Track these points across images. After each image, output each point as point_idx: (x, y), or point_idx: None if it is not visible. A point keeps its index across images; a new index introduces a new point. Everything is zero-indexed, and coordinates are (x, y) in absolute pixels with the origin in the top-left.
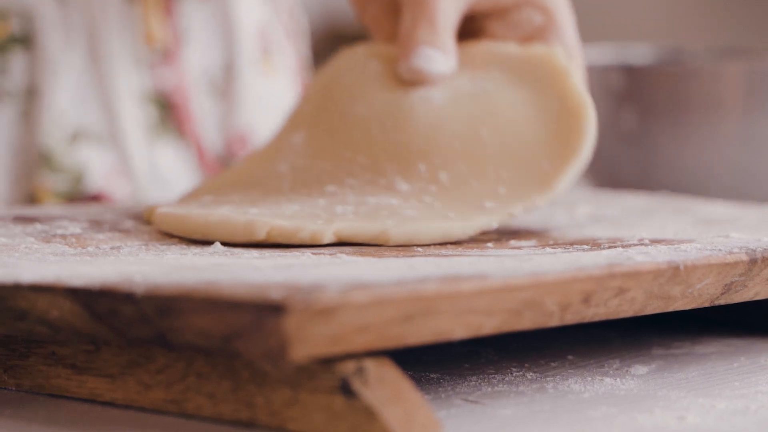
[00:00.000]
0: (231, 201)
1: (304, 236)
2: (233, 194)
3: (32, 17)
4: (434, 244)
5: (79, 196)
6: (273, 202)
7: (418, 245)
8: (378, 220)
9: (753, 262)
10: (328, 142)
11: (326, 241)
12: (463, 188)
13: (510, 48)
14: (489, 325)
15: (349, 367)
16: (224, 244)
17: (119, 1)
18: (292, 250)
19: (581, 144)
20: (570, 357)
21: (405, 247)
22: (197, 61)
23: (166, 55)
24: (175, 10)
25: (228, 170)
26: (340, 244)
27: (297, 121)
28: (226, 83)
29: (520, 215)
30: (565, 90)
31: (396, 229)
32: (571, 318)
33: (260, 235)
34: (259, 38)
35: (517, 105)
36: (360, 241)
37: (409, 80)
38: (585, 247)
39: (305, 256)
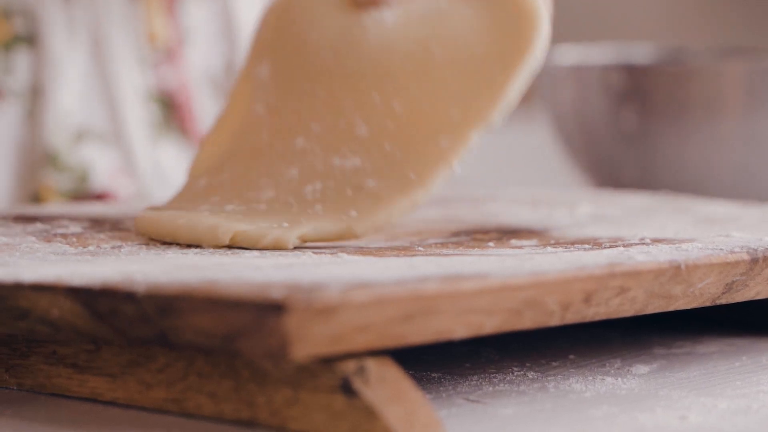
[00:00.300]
0: (221, 183)
1: (267, 243)
2: (225, 167)
3: (36, 16)
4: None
5: (83, 195)
6: (252, 183)
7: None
8: (343, 207)
9: (754, 261)
10: (290, 74)
11: (290, 246)
12: (418, 120)
13: None
14: (490, 325)
15: (349, 366)
16: None
17: (123, 0)
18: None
19: (529, 44)
20: (571, 356)
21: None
22: (199, 60)
23: (168, 54)
24: (177, 9)
25: (219, 119)
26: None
27: (260, 50)
28: (228, 82)
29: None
30: None
31: (360, 226)
32: (572, 317)
33: (224, 241)
34: None
35: (469, 18)
36: (326, 241)
37: (363, 1)
38: (586, 246)
39: (306, 255)
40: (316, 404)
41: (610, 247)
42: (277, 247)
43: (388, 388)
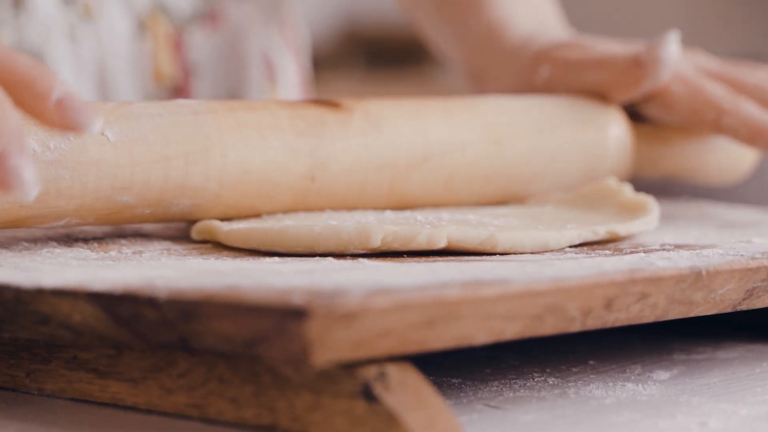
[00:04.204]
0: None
1: (421, 240)
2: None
3: (43, 54)
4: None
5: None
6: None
7: (520, 252)
8: (480, 227)
9: None
10: None
11: (441, 245)
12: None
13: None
14: (511, 331)
15: (371, 371)
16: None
17: (129, 38)
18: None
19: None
20: (592, 362)
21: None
22: (205, 92)
23: (175, 91)
24: (184, 44)
25: None
26: (434, 252)
27: None
28: None
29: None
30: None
31: (502, 234)
32: (592, 323)
33: (375, 243)
34: (265, 65)
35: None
36: (467, 247)
37: None
38: (607, 252)
39: (326, 261)
40: (337, 409)
41: (631, 252)
42: (428, 246)
43: (409, 394)
